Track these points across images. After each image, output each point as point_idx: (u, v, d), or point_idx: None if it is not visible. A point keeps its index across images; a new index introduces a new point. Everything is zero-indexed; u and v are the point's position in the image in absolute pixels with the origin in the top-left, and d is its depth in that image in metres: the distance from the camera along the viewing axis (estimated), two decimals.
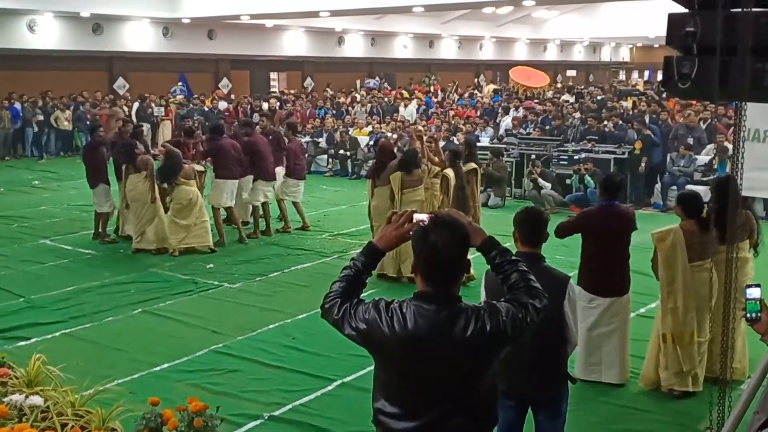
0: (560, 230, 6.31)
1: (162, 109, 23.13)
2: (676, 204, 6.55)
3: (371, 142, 18.58)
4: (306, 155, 13.54)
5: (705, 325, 6.12)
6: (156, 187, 10.80)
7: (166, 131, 22.35)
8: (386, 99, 26.62)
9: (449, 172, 9.15)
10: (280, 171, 12.23)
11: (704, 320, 6.11)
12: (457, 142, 17.30)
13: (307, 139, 19.79)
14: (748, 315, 3.49)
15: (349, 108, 24.67)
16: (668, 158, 14.63)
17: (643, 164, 14.42)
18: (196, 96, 24.64)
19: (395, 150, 11.22)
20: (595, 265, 6.31)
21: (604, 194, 6.46)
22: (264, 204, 11.97)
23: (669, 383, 6.19)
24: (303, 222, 12.37)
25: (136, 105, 23.48)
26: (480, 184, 10.58)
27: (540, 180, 14.55)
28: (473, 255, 3.05)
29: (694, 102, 17.31)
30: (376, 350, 2.91)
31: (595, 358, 6.40)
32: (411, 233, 2.92)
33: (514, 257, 3.02)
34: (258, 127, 13.13)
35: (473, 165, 9.98)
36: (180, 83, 26.05)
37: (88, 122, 20.63)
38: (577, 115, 19.38)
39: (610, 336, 6.35)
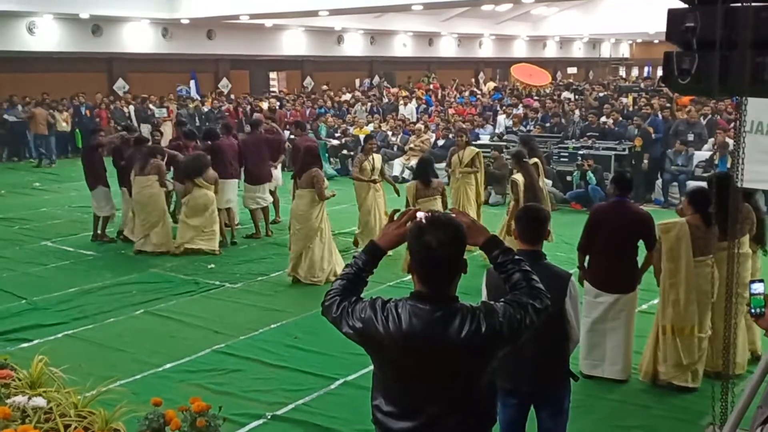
0: (580, 244, 6.42)
1: (164, 110, 23.09)
2: (684, 198, 6.53)
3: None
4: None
5: (706, 321, 6.12)
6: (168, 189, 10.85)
7: (167, 132, 22.29)
8: (385, 98, 26.60)
9: (518, 177, 9.08)
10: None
11: (705, 316, 6.11)
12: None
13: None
14: (753, 310, 3.49)
15: (350, 107, 24.66)
16: (666, 155, 14.61)
17: (645, 161, 14.38)
18: (194, 98, 24.63)
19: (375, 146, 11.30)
20: (601, 261, 6.32)
21: (616, 190, 6.46)
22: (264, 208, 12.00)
23: (668, 376, 6.19)
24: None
25: (132, 107, 23.44)
26: (542, 176, 10.63)
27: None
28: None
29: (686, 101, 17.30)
30: (373, 349, 2.90)
31: (599, 353, 6.40)
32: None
33: (517, 256, 2.99)
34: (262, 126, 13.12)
35: (535, 159, 10.03)
36: (192, 83, 26.04)
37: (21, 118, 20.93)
38: (578, 112, 19.39)
39: (614, 332, 6.34)
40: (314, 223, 9.25)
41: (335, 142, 19.12)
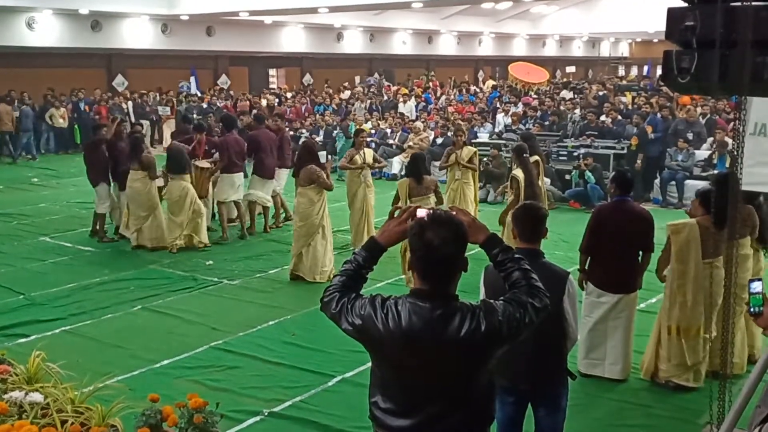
0: (584, 246, 6.40)
1: (167, 108, 23.05)
2: (695, 198, 6.51)
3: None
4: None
5: (711, 323, 6.10)
6: (156, 186, 10.84)
7: (171, 128, 22.24)
8: (384, 96, 26.58)
9: (518, 173, 9.06)
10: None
11: (711, 318, 6.09)
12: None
13: (306, 134, 19.77)
14: (751, 309, 3.50)
15: (348, 105, 24.65)
16: (667, 153, 14.62)
17: (639, 161, 14.36)
18: (195, 94, 24.62)
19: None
20: (604, 261, 6.30)
21: (617, 190, 6.45)
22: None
23: (668, 374, 6.20)
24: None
25: (130, 103, 23.38)
26: (541, 175, 10.71)
27: None
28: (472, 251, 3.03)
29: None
30: (371, 346, 2.90)
31: (599, 353, 6.40)
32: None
33: (516, 255, 3.00)
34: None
35: (536, 157, 10.01)
36: (192, 80, 26.00)
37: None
38: (578, 111, 19.38)
39: (615, 332, 6.35)
40: (315, 220, 9.25)
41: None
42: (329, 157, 9.65)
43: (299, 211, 9.35)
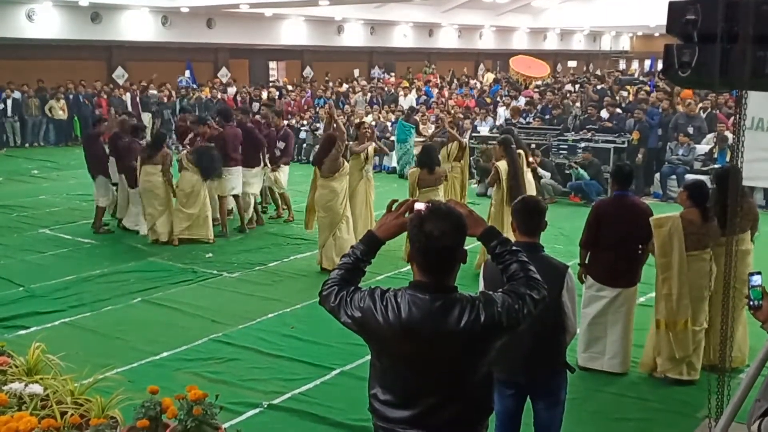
0: (583, 240, 6.39)
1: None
2: (682, 190, 6.49)
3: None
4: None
5: (700, 315, 6.12)
6: (171, 180, 10.81)
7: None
8: (386, 88, 26.54)
9: (501, 165, 9.05)
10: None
11: (700, 310, 6.11)
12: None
13: (306, 128, 19.76)
14: (751, 302, 3.51)
15: (349, 98, 24.60)
16: (667, 147, 14.61)
17: (640, 155, 14.35)
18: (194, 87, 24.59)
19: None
20: (604, 255, 6.30)
21: (616, 185, 6.44)
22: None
23: (663, 369, 6.22)
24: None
25: (128, 95, 23.32)
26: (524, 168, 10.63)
27: (539, 169, 14.53)
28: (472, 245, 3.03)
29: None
30: (371, 338, 2.90)
31: (599, 347, 6.41)
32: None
33: (514, 247, 3.00)
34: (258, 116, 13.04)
35: (519, 150, 10.03)
36: (187, 73, 25.98)
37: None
38: (578, 104, 19.34)
39: (614, 326, 6.35)
40: (339, 210, 9.27)
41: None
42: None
43: (321, 203, 9.38)
